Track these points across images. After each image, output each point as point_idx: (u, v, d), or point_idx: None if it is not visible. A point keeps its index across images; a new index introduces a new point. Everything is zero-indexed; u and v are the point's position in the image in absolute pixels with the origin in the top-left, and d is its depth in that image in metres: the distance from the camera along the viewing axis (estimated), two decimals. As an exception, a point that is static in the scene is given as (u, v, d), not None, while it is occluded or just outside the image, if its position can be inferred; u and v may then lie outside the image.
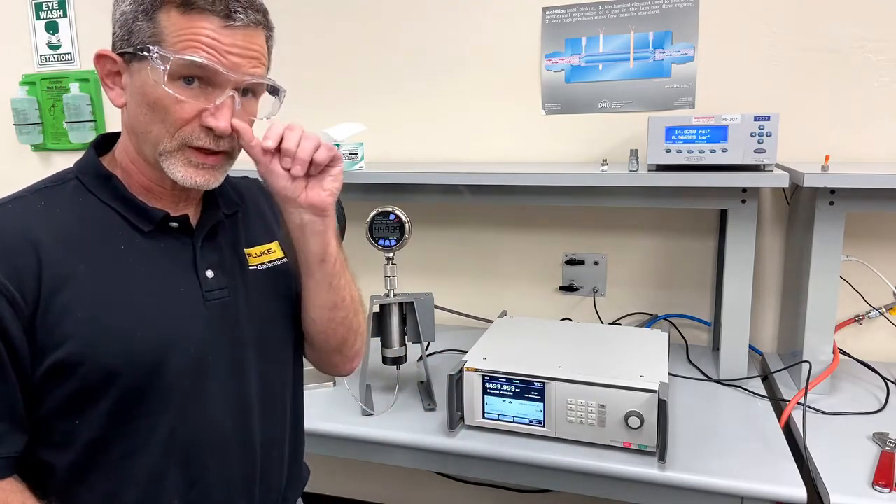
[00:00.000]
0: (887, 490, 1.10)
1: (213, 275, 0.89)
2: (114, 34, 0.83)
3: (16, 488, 0.77)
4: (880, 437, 1.26)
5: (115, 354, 0.79)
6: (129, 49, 0.80)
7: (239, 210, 0.98)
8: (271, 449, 0.96)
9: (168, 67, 0.77)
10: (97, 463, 0.82)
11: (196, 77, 0.79)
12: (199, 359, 0.85)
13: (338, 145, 1.68)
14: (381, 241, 1.42)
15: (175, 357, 0.83)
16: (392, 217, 1.40)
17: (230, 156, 0.86)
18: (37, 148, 2.40)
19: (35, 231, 0.78)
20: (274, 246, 0.99)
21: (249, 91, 0.85)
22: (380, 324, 1.46)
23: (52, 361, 0.77)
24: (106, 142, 0.91)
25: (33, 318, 0.76)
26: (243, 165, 1.02)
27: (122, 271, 0.82)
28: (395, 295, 1.45)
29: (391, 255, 1.43)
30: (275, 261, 0.98)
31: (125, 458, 0.82)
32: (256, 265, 0.96)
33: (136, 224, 0.85)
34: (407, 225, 1.40)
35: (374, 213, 1.41)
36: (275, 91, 0.91)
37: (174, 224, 0.87)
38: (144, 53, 0.78)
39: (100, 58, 0.84)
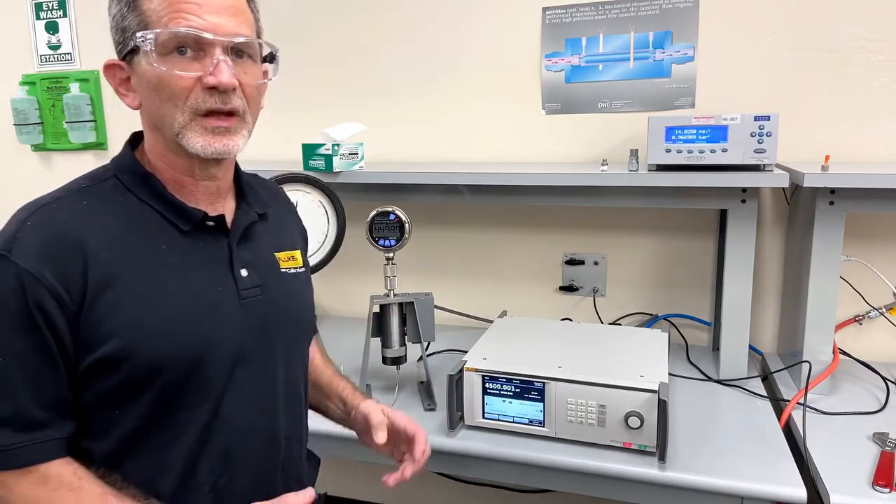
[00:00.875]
0: (887, 490, 1.10)
1: (247, 273, 0.93)
2: (114, 42, 0.87)
3: (67, 463, 0.82)
4: (880, 437, 1.26)
5: (158, 351, 0.82)
6: (128, 46, 0.84)
7: (269, 211, 1.02)
8: (292, 442, 1.01)
9: (154, 47, 0.81)
10: (135, 451, 0.85)
11: (186, 46, 0.82)
12: (235, 354, 0.89)
13: (338, 145, 1.68)
14: (381, 241, 1.42)
15: (214, 352, 0.87)
16: (392, 217, 1.40)
17: (243, 119, 0.88)
18: (37, 148, 2.40)
19: (80, 232, 0.82)
20: (296, 254, 1.04)
21: (245, 53, 0.87)
22: (380, 324, 1.46)
23: (98, 356, 0.81)
24: (137, 140, 0.93)
25: (78, 315, 0.79)
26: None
27: (164, 270, 0.86)
28: (395, 295, 1.45)
29: (391, 255, 1.43)
30: (298, 268, 1.03)
31: (162, 447, 0.86)
32: (286, 269, 1.01)
33: (175, 223, 0.88)
34: (407, 225, 1.40)
35: (374, 213, 1.41)
36: (272, 57, 0.93)
37: (211, 223, 0.91)
38: (136, 44, 0.82)
39: (108, 68, 0.88)
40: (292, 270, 1.02)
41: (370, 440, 1.08)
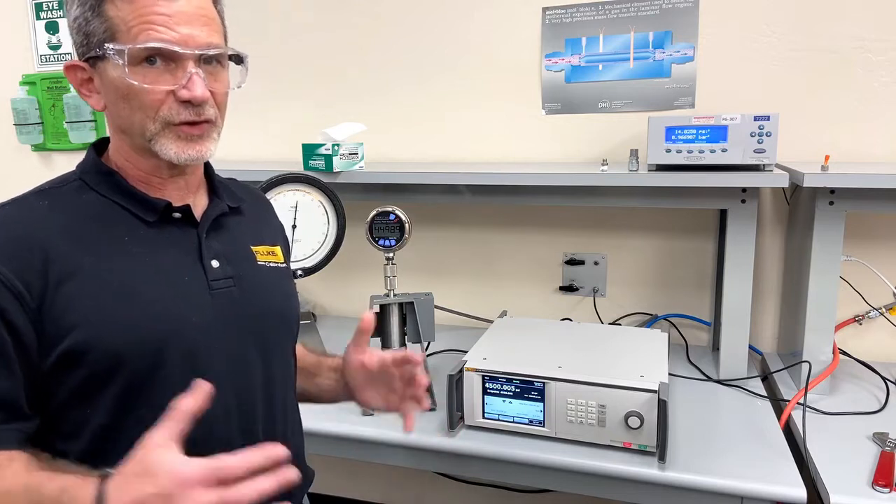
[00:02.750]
0: (887, 490, 1.10)
1: (218, 265, 0.90)
2: (74, 43, 0.85)
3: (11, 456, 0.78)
4: (880, 437, 1.26)
5: (119, 341, 0.81)
6: (91, 53, 0.82)
7: (242, 206, 1.00)
8: (275, 437, 0.95)
9: (126, 61, 0.80)
10: (107, 451, 0.83)
11: (158, 55, 0.81)
12: (204, 345, 0.87)
13: (338, 145, 1.68)
14: (381, 241, 1.42)
15: (180, 342, 0.84)
16: (392, 217, 1.40)
17: (214, 124, 0.88)
18: (37, 148, 2.40)
19: (40, 228, 0.81)
20: (277, 250, 1.02)
21: (215, 60, 0.86)
22: (380, 324, 1.46)
23: (61, 351, 0.79)
24: (103, 144, 0.93)
25: (40, 311, 0.78)
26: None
27: (127, 261, 0.84)
28: (395, 295, 1.45)
29: (391, 255, 1.43)
30: (278, 263, 1.01)
31: (134, 446, 0.82)
32: (264, 262, 0.98)
33: (139, 215, 0.87)
34: (407, 225, 1.40)
35: (374, 213, 1.41)
36: (239, 60, 0.93)
37: (177, 214, 0.89)
38: (103, 54, 0.81)
39: (69, 69, 0.86)
40: (271, 264, 0.99)
41: (367, 395, 1.04)
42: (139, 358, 0.82)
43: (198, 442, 0.84)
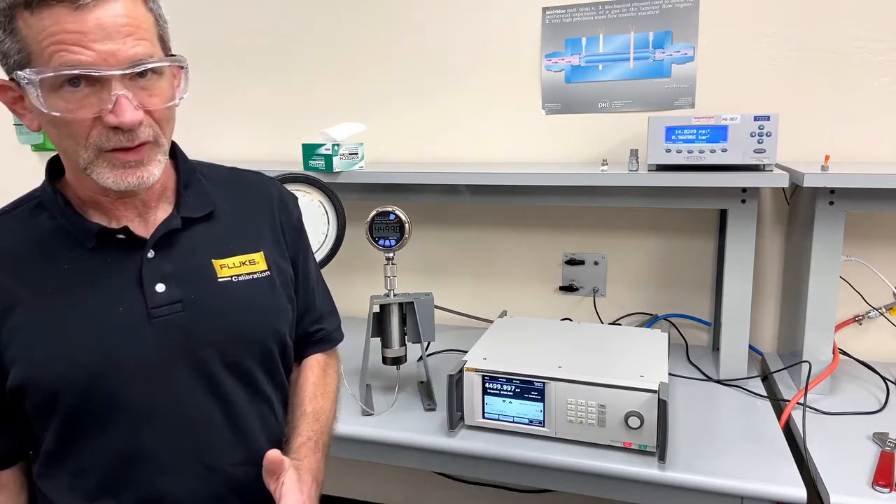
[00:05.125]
0: (887, 490, 1.10)
1: (164, 289, 0.84)
2: None
3: None
4: (880, 437, 1.26)
5: (53, 378, 0.79)
6: (12, 75, 0.74)
7: (214, 211, 0.92)
8: (251, 467, 0.89)
9: (39, 91, 0.71)
10: (52, 476, 0.84)
11: (79, 77, 0.72)
12: (144, 379, 0.82)
13: (338, 145, 1.68)
14: (381, 241, 1.41)
15: (113, 378, 0.81)
16: (392, 217, 1.40)
17: (156, 142, 0.79)
18: (37, 148, 2.39)
19: None
20: (258, 257, 0.93)
21: (149, 71, 0.76)
22: (380, 324, 1.46)
23: (8, 384, 0.80)
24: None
25: None
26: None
27: (62, 292, 0.80)
28: (395, 295, 1.45)
29: (391, 255, 1.43)
30: (255, 273, 0.92)
31: (76, 475, 0.83)
32: (228, 277, 0.90)
33: (81, 240, 0.82)
34: (407, 225, 1.40)
35: (374, 213, 1.41)
36: (179, 66, 0.82)
37: (121, 236, 0.83)
38: (17, 80, 0.73)
39: None
40: (242, 277, 0.90)
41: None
42: (74, 394, 0.79)
43: (147, 466, 0.83)
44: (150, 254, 0.85)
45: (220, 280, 0.89)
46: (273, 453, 0.83)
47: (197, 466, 0.86)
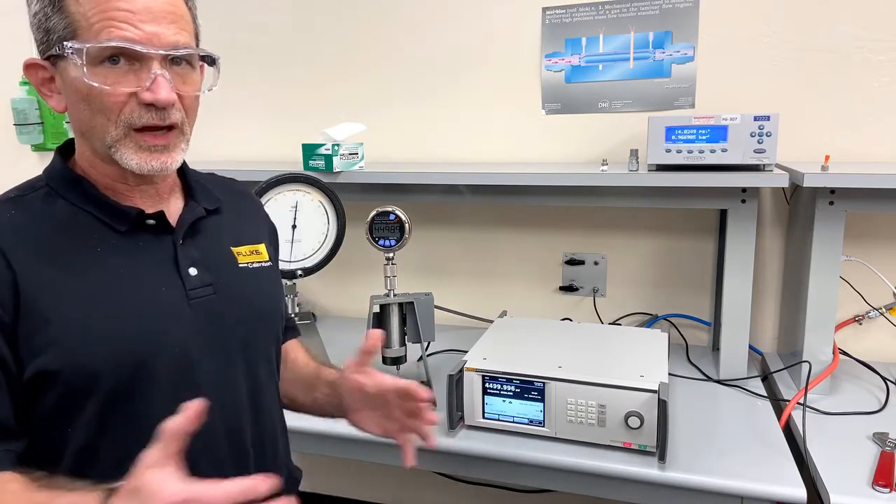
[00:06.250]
0: (887, 490, 1.10)
1: (196, 272, 0.87)
2: (35, 40, 0.80)
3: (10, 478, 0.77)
4: (880, 437, 1.26)
5: (95, 358, 0.77)
6: (52, 51, 0.78)
7: (221, 206, 0.96)
8: (264, 449, 0.95)
9: (85, 60, 0.75)
10: (88, 472, 0.80)
11: (121, 55, 0.76)
12: (184, 359, 0.84)
13: (338, 145, 1.68)
14: (381, 241, 1.42)
15: (158, 358, 0.81)
16: (392, 217, 1.40)
17: (181, 131, 0.83)
18: (37, 148, 2.39)
19: (7, 243, 0.77)
20: (261, 248, 0.99)
21: (183, 60, 0.81)
22: (380, 324, 1.46)
23: (36, 369, 0.76)
24: (70, 147, 0.89)
25: (15, 329, 0.75)
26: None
27: (100, 273, 0.81)
28: (395, 295, 1.45)
29: (391, 255, 1.43)
30: (262, 262, 0.98)
31: (115, 466, 0.79)
32: (246, 263, 0.95)
33: (111, 224, 0.83)
34: (407, 225, 1.40)
35: (374, 213, 1.41)
36: (211, 61, 0.86)
37: (151, 221, 0.85)
38: (62, 52, 0.76)
39: (28, 68, 0.82)
40: (255, 265, 0.96)
41: (361, 417, 0.99)
42: (115, 375, 0.78)
43: (191, 456, 0.80)
44: (181, 240, 0.88)
45: (240, 266, 0.94)
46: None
47: (227, 447, 0.88)
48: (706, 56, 1.69)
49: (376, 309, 1.45)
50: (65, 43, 0.75)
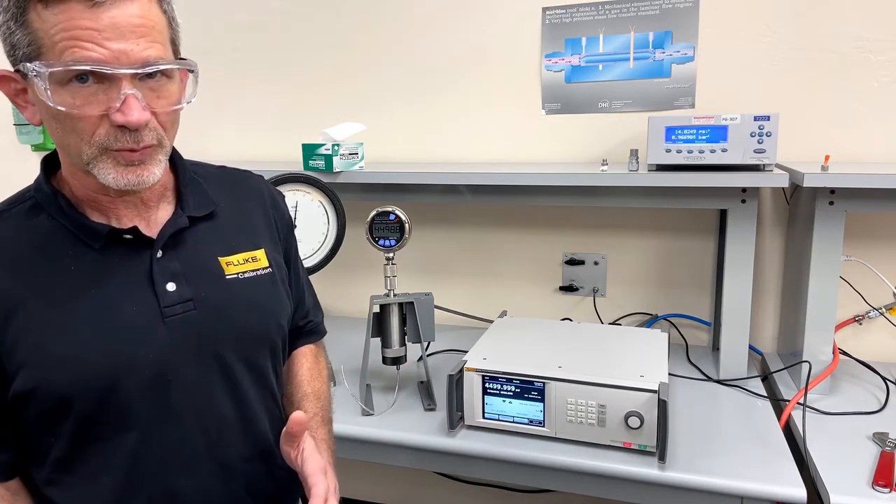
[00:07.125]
0: (887, 490, 1.10)
1: (174, 287, 0.84)
2: (5, 51, 0.76)
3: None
4: (880, 437, 1.26)
5: (65, 381, 0.77)
6: (19, 66, 0.74)
7: (216, 210, 0.93)
8: (259, 463, 0.92)
9: (48, 84, 0.71)
10: (64, 483, 0.82)
11: (89, 74, 0.71)
12: (159, 378, 0.82)
13: (338, 145, 1.68)
14: (381, 241, 1.42)
15: (129, 379, 0.80)
16: (392, 217, 1.40)
17: (159, 145, 0.79)
18: (37, 148, 2.39)
19: None
20: (259, 254, 0.95)
21: (158, 72, 0.76)
22: (380, 324, 1.46)
23: (13, 389, 0.77)
24: (56, 156, 0.86)
25: None
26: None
27: (71, 293, 0.79)
28: (395, 295, 1.45)
29: (391, 255, 1.43)
30: (258, 270, 0.94)
31: (89, 480, 0.81)
32: (235, 274, 0.91)
33: (86, 241, 0.81)
34: (407, 225, 1.40)
35: (374, 213, 1.41)
36: (189, 70, 0.82)
37: (128, 236, 0.83)
38: (26, 72, 0.72)
39: (0, 79, 0.78)
40: (247, 274, 0.91)
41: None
42: (86, 398, 0.78)
43: (162, 466, 0.82)
44: (159, 253, 0.84)
45: (227, 278, 0.90)
46: (299, 414, 0.85)
47: (210, 464, 0.87)
48: (706, 56, 1.69)
49: (376, 309, 1.45)
50: (27, 64, 0.72)
